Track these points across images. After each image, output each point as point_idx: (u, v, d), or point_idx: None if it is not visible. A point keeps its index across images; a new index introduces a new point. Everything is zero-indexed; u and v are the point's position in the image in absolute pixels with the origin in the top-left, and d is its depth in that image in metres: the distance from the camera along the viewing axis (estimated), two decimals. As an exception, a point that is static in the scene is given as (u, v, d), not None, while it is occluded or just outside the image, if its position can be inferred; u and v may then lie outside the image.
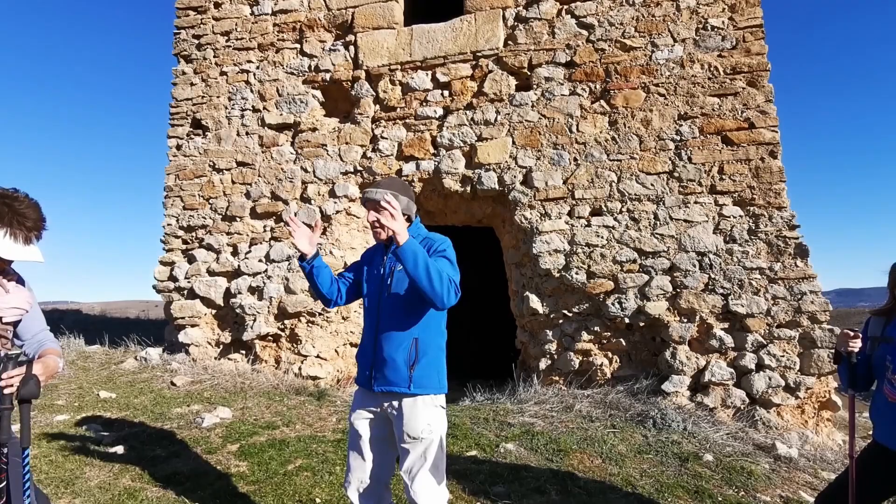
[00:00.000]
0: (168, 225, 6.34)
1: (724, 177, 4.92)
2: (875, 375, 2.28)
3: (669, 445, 3.86)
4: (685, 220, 4.94)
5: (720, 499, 3.20)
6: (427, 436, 2.12)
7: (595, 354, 5.09)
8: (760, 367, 4.61)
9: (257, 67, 6.31)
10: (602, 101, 5.28)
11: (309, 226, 2.23)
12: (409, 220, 2.31)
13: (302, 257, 2.29)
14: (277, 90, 6.21)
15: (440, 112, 5.70)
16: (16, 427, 1.79)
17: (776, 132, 4.87)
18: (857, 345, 2.24)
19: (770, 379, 4.53)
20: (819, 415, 4.67)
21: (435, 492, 2.12)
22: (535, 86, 5.46)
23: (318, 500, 3.05)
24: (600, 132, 5.24)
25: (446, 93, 5.71)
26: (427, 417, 2.13)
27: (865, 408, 6.45)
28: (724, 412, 4.60)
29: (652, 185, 5.05)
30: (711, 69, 5.05)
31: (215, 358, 6.00)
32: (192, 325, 6.03)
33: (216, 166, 6.29)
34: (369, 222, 2.22)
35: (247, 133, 6.26)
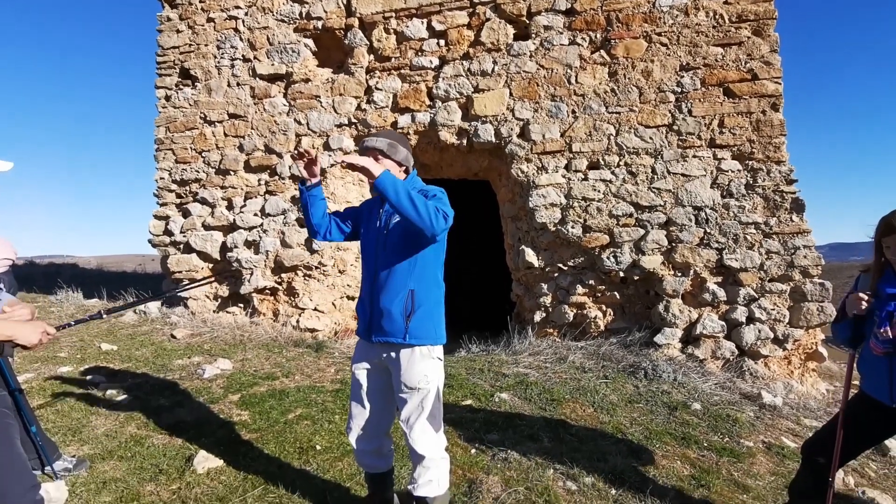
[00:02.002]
0: (161, 179, 6.26)
1: (723, 130, 4.86)
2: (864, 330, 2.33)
3: (659, 395, 3.99)
4: (683, 175, 4.91)
5: (705, 444, 3.33)
6: (424, 386, 2.18)
7: (589, 307, 5.17)
8: (751, 319, 4.70)
9: (246, 14, 6.07)
10: (602, 52, 5.13)
11: (311, 159, 2.26)
12: (406, 171, 2.33)
13: (303, 182, 2.32)
14: (268, 38, 6.00)
15: (436, 62, 5.54)
16: None
17: (779, 84, 4.78)
18: (865, 306, 2.22)
19: (759, 331, 4.63)
20: (805, 365, 4.81)
21: (433, 439, 2.20)
22: (533, 35, 5.29)
23: (318, 447, 3.15)
24: (599, 84, 5.12)
25: (442, 42, 5.53)
26: (424, 368, 2.18)
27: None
28: (714, 363, 4.72)
29: (651, 138, 4.98)
30: (716, 17, 4.90)
31: (214, 311, 6.07)
32: (190, 279, 6.07)
33: (207, 118, 6.15)
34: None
35: (238, 84, 6.09)
